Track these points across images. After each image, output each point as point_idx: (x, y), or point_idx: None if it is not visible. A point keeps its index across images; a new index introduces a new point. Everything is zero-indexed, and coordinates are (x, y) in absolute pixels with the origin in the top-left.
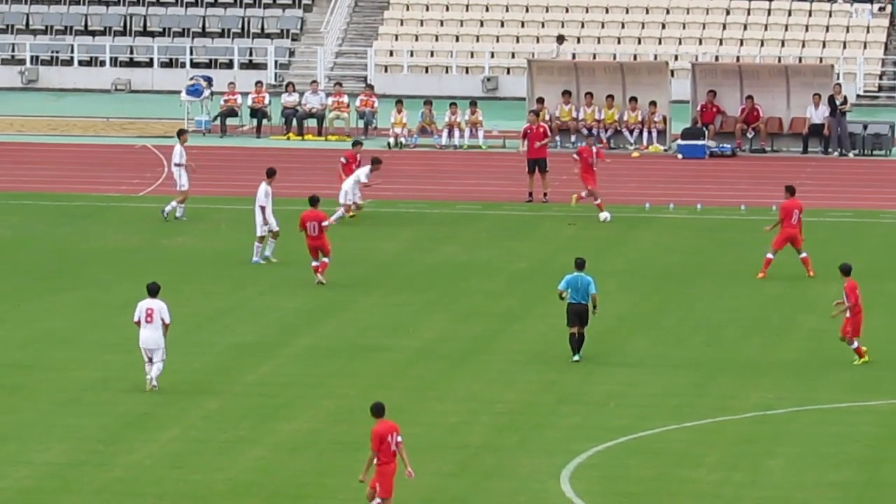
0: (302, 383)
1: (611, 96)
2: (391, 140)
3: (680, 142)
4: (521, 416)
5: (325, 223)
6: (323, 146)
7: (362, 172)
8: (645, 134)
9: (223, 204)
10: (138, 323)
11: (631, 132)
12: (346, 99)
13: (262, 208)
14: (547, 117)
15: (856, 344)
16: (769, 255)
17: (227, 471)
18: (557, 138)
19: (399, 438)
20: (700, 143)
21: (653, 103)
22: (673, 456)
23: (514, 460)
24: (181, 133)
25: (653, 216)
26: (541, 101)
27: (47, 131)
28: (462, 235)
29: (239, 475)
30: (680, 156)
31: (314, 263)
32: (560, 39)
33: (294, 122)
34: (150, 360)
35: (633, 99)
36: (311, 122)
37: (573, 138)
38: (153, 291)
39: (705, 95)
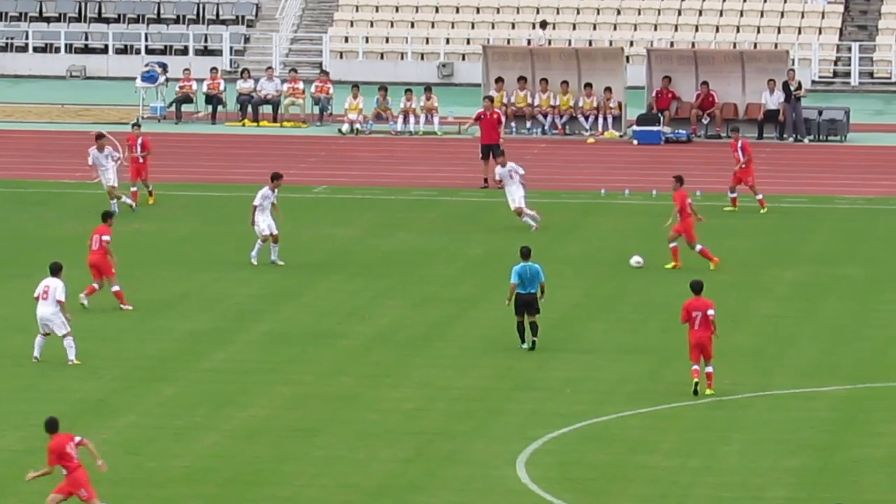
0: (258, 370)
1: (565, 82)
2: (346, 126)
3: (635, 128)
4: (476, 402)
5: (105, 237)
6: (278, 132)
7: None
8: (600, 120)
9: (178, 190)
10: (37, 298)
11: (586, 118)
12: (301, 85)
13: (254, 208)
14: (504, 101)
15: (710, 368)
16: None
17: (182, 457)
18: (513, 124)
19: (77, 439)
20: (655, 129)
21: (608, 89)
22: (629, 442)
23: (470, 446)
24: (99, 137)
25: (608, 202)
26: (500, 80)
27: (2, 118)
28: (418, 221)
29: (195, 461)
30: (635, 142)
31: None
32: (543, 25)
33: (249, 108)
34: (46, 334)
35: (589, 85)
36: (267, 109)
37: (528, 124)
38: (54, 270)
39: (660, 81)
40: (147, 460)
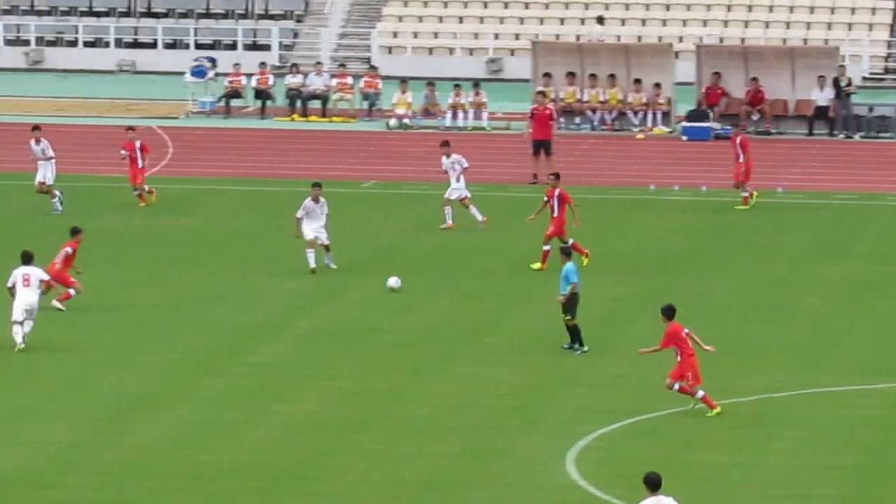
0: (306, 364)
1: (612, 75)
2: (394, 121)
3: (684, 124)
4: (525, 398)
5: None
6: (327, 127)
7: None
8: (649, 116)
9: (227, 185)
10: (11, 288)
11: (635, 114)
12: (349, 80)
13: (297, 220)
14: (553, 97)
15: (701, 394)
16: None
17: (232, 452)
18: (561, 120)
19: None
20: (704, 125)
21: (657, 85)
22: (678, 438)
23: (519, 442)
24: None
25: (657, 198)
26: (547, 75)
27: (52, 112)
28: (465, 217)
29: (244, 456)
30: (684, 138)
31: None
32: (600, 20)
33: (298, 103)
34: (23, 322)
35: (638, 81)
36: (315, 104)
37: (577, 120)
38: (28, 258)
39: (710, 77)
40: (197, 454)
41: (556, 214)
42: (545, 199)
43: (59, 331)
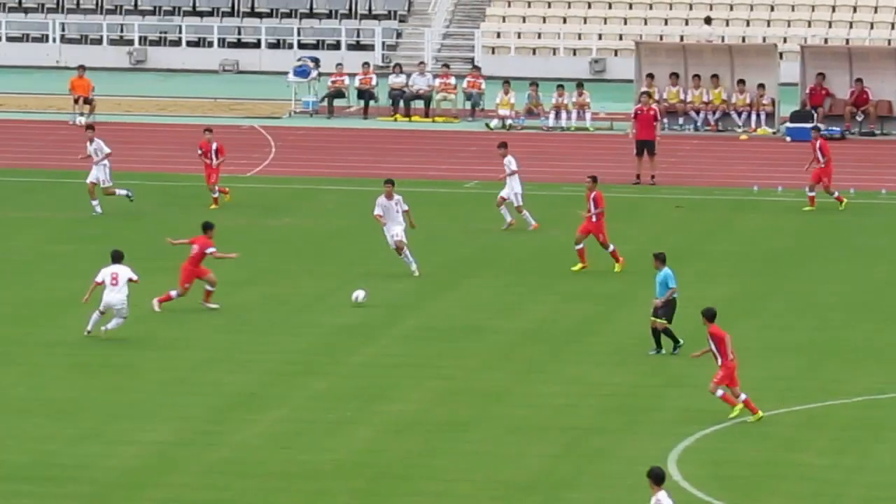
0: (408, 364)
1: (715, 76)
2: (495, 121)
3: (788, 124)
4: (627, 398)
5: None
6: (430, 127)
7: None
8: (753, 116)
9: (331, 185)
10: (99, 284)
11: (739, 115)
12: (453, 80)
13: (377, 217)
14: (656, 97)
15: (743, 396)
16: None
17: (333, 451)
18: (665, 121)
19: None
20: (809, 125)
21: (761, 86)
22: (781, 440)
23: (621, 443)
24: (89, 128)
25: (761, 199)
26: (650, 76)
27: (155, 112)
28: (568, 217)
29: (345, 455)
30: (788, 138)
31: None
32: (708, 21)
33: (401, 103)
34: (104, 312)
35: (742, 81)
36: (418, 104)
37: (681, 120)
38: (117, 257)
39: (814, 78)
40: (298, 454)
41: (593, 217)
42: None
43: (162, 330)
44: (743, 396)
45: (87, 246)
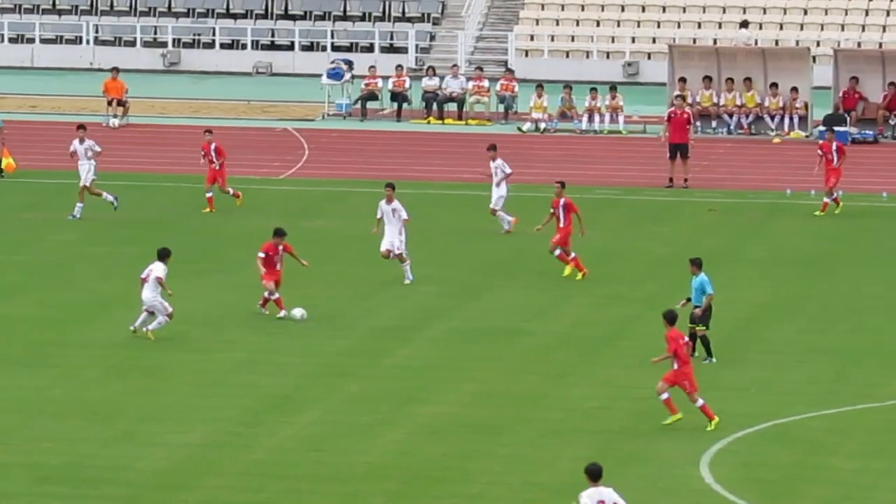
0: (441, 367)
1: (748, 79)
2: (527, 125)
3: (821, 128)
4: (659, 401)
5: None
6: (463, 130)
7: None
8: (786, 120)
9: (363, 187)
10: (143, 280)
11: (772, 118)
12: (486, 83)
13: (378, 220)
14: (689, 100)
15: (700, 402)
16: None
17: (367, 453)
18: (698, 124)
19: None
20: (842, 129)
21: (794, 89)
22: (812, 443)
23: (653, 446)
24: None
25: (794, 202)
26: (683, 80)
27: (188, 114)
28: (602, 220)
29: (379, 458)
30: (821, 142)
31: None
32: (745, 24)
33: (434, 105)
34: (150, 313)
35: (774, 85)
36: (452, 106)
37: (714, 124)
38: (160, 255)
39: (847, 82)
40: (331, 456)
41: (562, 224)
42: (551, 209)
43: (196, 332)
44: (700, 402)
45: (122, 248)
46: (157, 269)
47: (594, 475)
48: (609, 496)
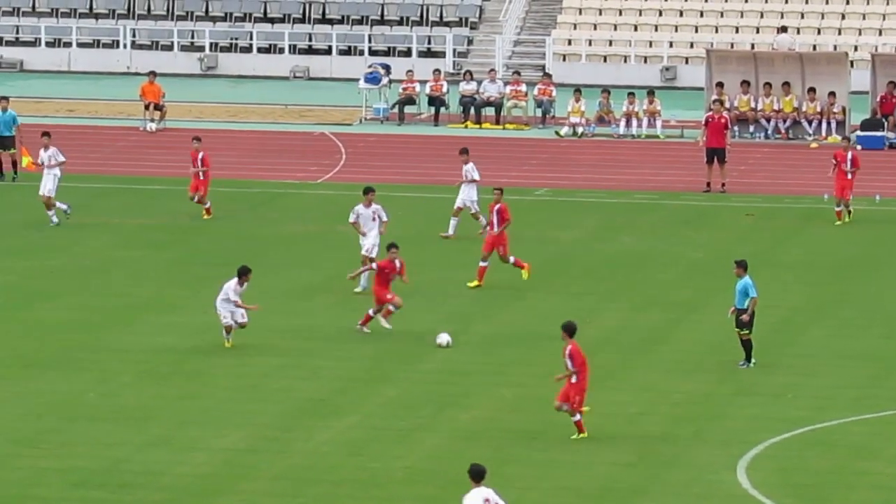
0: (479, 371)
1: (786, 83)
2: (565, 129)
3: (859, 133)
4: (698, 406)
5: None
6: (500, 134)
7: (230, 288)
8: (824, 124)
9: (401, 192)
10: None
11: (810, 123)
12: (524, 87)
13: (352, 224)
14: (727, 105)
15: (578, 417)
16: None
17: (404, 458)
18: (735, 128)
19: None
20: (879, 134)
21: (832, 94)
22: (851, 448)
23: (691, 451)
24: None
25: (831, 207)
26: (720, 84)
27: (226, 118)
28: (640, 225)
29: (416, 463)
30: (859, 147)
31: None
32: (784, 29)
33: (472, 110)
34: (236, 322)
35: (812, 89)
36: (489, 111)
37: (751, 128)
38: (239, 272)
39: (885, 86)
40: (369, 461)
41: (495, 230)
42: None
43: (233, 337)
44: (578, 417)
45: (157, 252)
46: (228, 287)
47: (477, 476)
48: (493, 496)
